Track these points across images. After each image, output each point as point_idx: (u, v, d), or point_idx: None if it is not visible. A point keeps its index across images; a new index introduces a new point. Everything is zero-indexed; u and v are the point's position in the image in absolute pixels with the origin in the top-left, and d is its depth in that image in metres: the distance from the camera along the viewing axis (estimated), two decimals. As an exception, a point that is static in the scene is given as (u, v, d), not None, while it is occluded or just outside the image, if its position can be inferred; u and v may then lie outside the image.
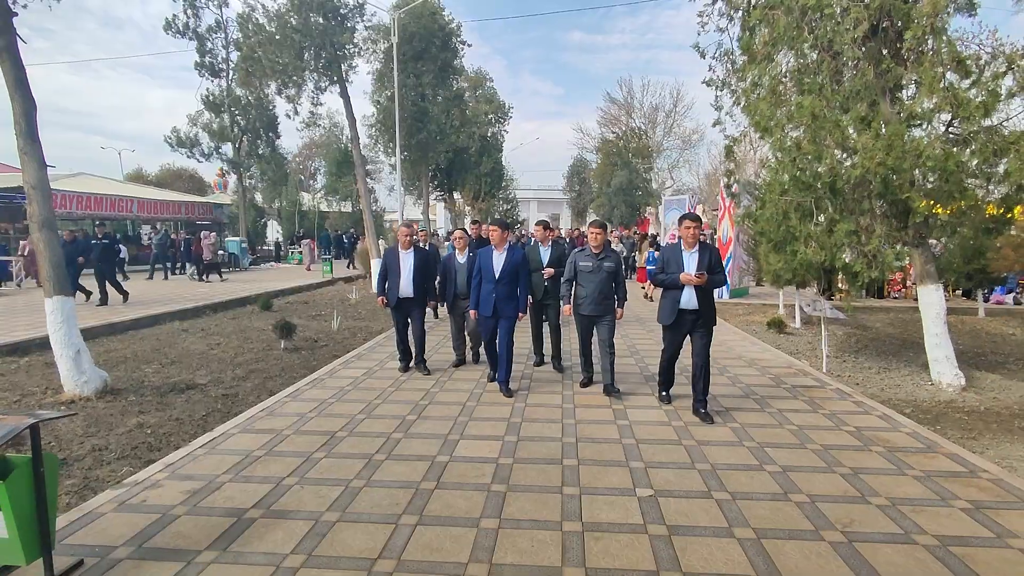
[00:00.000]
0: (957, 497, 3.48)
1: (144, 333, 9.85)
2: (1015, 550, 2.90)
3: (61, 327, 6.08)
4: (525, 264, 5.94)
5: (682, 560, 2.81)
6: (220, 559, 2.83)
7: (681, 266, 4.97)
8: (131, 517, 3.25)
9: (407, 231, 6.85)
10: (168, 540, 3.01)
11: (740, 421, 5.01)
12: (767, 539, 3.00)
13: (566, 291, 5.88)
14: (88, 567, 2.76)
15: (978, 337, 9.78)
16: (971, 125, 6.22)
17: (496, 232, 5.89)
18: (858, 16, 6.45)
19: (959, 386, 6.38)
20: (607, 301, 5.69)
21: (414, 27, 20.54)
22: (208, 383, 6.62)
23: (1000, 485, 3.66)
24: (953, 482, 3.69)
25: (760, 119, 7.13)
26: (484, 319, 5.89)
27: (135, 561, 2.81)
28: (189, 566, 2.76)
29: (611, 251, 5.81)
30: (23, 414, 2.63)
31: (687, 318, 5.05)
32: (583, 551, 2.88)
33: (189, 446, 4.39)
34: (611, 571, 2.72)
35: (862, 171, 6.26)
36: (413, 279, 6.55)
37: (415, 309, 6.69)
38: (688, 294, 4.98)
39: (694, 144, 38.09)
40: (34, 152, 5.97)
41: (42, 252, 6.07)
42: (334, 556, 2.85)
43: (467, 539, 3.00)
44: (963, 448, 4.36)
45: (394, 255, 6.67)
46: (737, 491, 3.57)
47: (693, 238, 5.04)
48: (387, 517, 3.25)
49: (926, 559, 2.82)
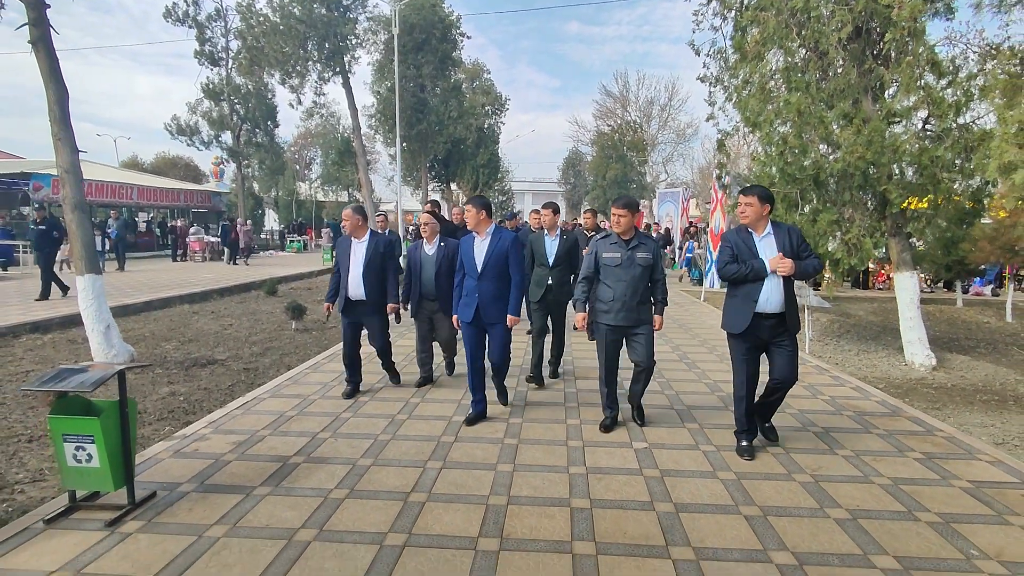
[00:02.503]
0: (912, 450, 3.97)
1: (156, 314, 10.22)
2: (956, 488, 3.39)
3: (92, 303, 6.46)
4: (516, 252, 4.45)
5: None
6: (274, 492, 3.26)
7: (754, 253, 3.73)
8: (188, 462, 3.68)
9: (354, 217, 5.14)
10: (225, 479, 3.45)
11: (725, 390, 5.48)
12: (746, 479, 3.47)
13: (582, 294, 4.32)
14: (160, 498, 3.19)
15: (954, 324, 10.33)
16: (945, 123, 6.70)
17: (471, 212, 4.45)
18: (842, 18, 6.87)
19: (930, 366, 6.88)
20: (642, 306, 4.18)
21: (414, 19, 20.82)
22: (227, 359, 7.03)
23: (952, 442, 4.15)
24: (911, 439, 4.19)
25: (750, 115, 7.58)
26: (466, 326, 4.53)
27: (200, 494, 3.25)
28: (248, 498, 3.19)
29: (645, 237, 4.29)
30: (108, 364, 3.04)
31: (764, 324, 3.72)
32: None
33: (225, 408, 4.82)
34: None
35: (844, 164, 6.73)
36: (364, 276, 4.99)
37: (371, 316, 5.13)
38: (768, 292, 3.67)
39: (688, 138, 38.68)
40: (67, 137, 6.33)
41: (74, 233, 6.44)
42: (373, 490, 3.30)
43: (487, 479, 3.46)
44: (924, 414, 4.86)
45: (345, 246, 5.14)
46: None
47: (755, 217, 3.74)
48: (415, 462, 3.70)
49: (880, 494, 3.30)
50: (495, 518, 2.99)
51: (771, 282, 3.69)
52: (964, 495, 3.30)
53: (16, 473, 3.77)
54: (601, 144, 37.05)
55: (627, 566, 2.58)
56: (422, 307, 5.44)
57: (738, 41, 8.11)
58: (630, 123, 37.68)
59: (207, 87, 25.36)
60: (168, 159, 43.82)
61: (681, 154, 38.73)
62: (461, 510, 3.08)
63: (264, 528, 2.88)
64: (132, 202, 24.88)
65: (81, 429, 2.86)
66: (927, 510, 3.12)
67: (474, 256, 4.47)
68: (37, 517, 2.96)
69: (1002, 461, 3.80)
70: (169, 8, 24.58)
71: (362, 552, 2.67)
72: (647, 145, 37.19)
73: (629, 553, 2.70)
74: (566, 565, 2.59)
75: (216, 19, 25.62)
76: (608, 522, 2.98)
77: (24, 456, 4.05)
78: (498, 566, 2.58)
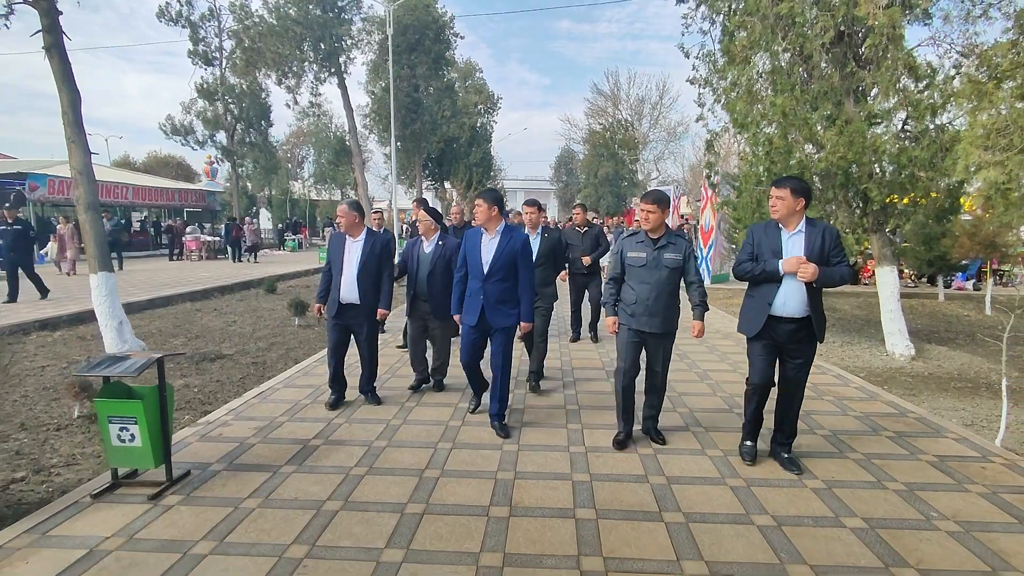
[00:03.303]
0: (886, 429, 4.30)
1: (160, 312, 10.42)
2: (922, 462, 3.72)
3: (106, 300, 6.68)
4: (527, 253, 4.21)
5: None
6: (299, 470, 3.54)
7: (779, 252, 3.48)
8: (215, 445, 3.95)
9: (350, 214, 4.75)
10: (251, 459, 3.72)
11: (726, 391, 5.79)
12: (732, 456, 3.78)
13: (610, 296, 4.03)
14: (194, 476, 3.46)
15: (935, 318, 10.72)
16: (922, 124, 7.05)
17: (482, 207, 4.15)
18: (825, 24, 7.19)
19: (909, 356, 7.23)
20: (668, 311, 3.89)
21: (408, 19, 21.03)
22: (235, 353, 7.26)
23: (923, 422, 4.49)
24: (885, 419, 4.52)
25: (737, 116, 7.91)
26: (468, 330, 4.30)
27: (231, 472, 3.52)
28: (275, 475, 3.47)
29: (676, 236, 3.95)
30: (149, 352, 3.30)
31: (782, 329, 3.49)
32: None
33: (242, 397, 5.08)
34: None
35: (827, 164, 7.07)
36: (359, 278, 4.63)
37: (361, 322, 4.75)
38: (786, 293, 3.42)
39: (679, 136, 38.88)
40: (80, 140, 6.55)
41: (87, 232, 6.66)
42: (389, 467, 3.59)
43: (494, 458, 3.75)
44: (900, 398, 5.20)
45: (339, 244, 4.77)
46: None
47: (786, 212, 3.45)
48: (427, 443, 3.99)
49: (853, 467, 3.63)
50: (504, 490, 3.29)
51: (790, 284, 3.40)
52: (929, 467, 3.63)
53: (50, 458, 4.01)
54: (593, 142, 37.36)
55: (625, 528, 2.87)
56: (416, 307, 5.15)
57: (726, 45, 8.43)
58: (621, 121, 38.01)
59: (201, 87, 25.43)
60: (160, 158, 43.77)
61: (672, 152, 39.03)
62: (473, 484, 3.37)
63: (294, 500, 3.16)
64: (127, 202, 24.94)
65: (125, 411, 3.12)
66: (895, 480, 3.44)
67: (481, 255, 4.14)
68: (84, 493, 3.22)
69: (967, 439, 4.14)
70: (162, 8, 24.63)
71: (386, 519, 2.95)
72: (638, 143, 37.54)
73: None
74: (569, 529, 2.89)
75: (209, 19, 25.71)
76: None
77: (55, 443, 4.29)
78: (508, 529, 2.87)
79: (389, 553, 2.66)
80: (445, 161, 29.91)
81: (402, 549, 2.69)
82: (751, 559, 2.65)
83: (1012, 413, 4.82)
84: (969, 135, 4.36)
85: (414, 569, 2.54)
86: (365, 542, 2.75)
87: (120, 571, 2.52)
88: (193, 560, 2.60)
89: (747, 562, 2.64)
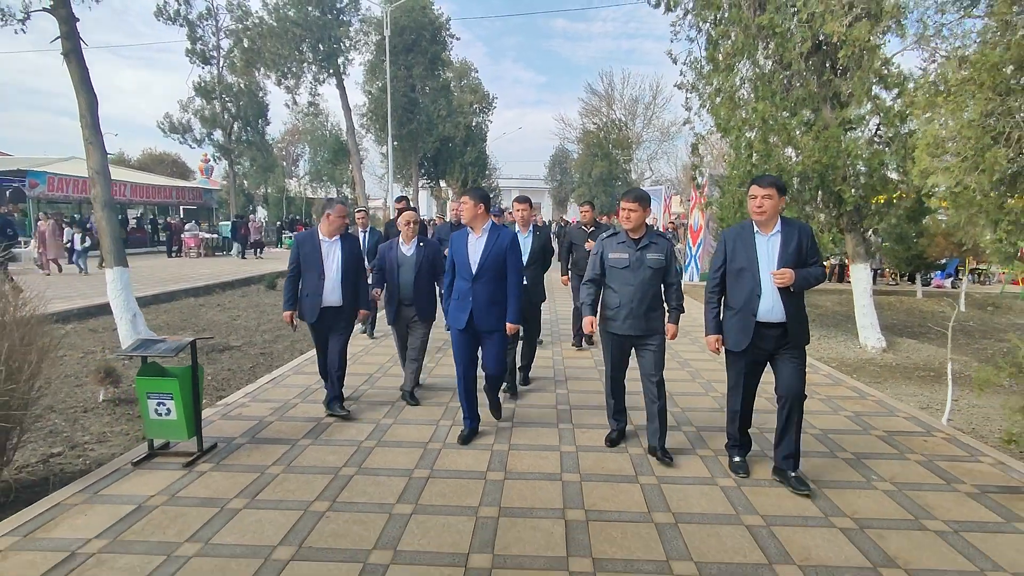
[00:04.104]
0: (845, 409, 4.75)
1: (165, 307, 10.77)
2: (872, 436, 4.17)
3: (120, 294, 7.04)
4: (515, 252, 4.06)
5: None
6: (315, 443, 3.95)
7: (754, 256, 3.35)
8: (235, 423, 4.35)
9: (342, 213, 4.57)
10: (271, 434, 4.12)
11: (703, 377, 6.22)
12: (705, 432, 4.21)
13: (588, 297, 3.94)
14: (221, 448, 3.85)
15: (912, 313, 11.22)
16: (891, 129, 7.52)
17: (468, 204, 4.01)
18: (803, 35, 7.63)
19: (880, 348, 7.70)
20: (653, 313, 3.77)
21: (405, 21, 21.39)
22: (242, 345, 7.64)
23: (881, 404, 4.94)
24: (846, 401, 4.97)
25: (721, 121, 8.35)
26: (457, 334, 4.08)
27: (254, 444, 3.92)
28: (294, 447, 3.87)
29: (657, 236, 3.89)
30: (179, 337, 3.69)
31: (768, 335, 3.35)
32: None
33: (256, 383, 5.47)
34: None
35: (803, 167, 7.52)
36: (343, 280, 4.50)
37: (341, 325, 4.59)
38: (769, 299, 3.29)
39: (672, 136, 39.39)
40: (97, 142, 6.90)
41: (103, 228, 7.02)
42: (397, 440, 4.01)
43: (491, 431, 4.17)
44: (863, 384, 5.65)
45: (312, 243, 4.50)
46: (701, 425, 4.74)
47: (772, 212, 3.31)
48: (430, 421, 4.40)
49: (811, 441, 4.06)
50: (499, 459, 3.70)
51: (771, 292, 3.28)
52: (878, 441, 4.08)
53: (82, 436, 4.39)
54: (587, 142, 37.79)
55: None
56: (400, 314, 4.91)
57: (711, 53, 8.87)
58: (615, 121, 38.47)
59: (199, 85, 25.70)
60: (155, 156, 43.84)
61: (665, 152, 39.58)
62: (471, 454, 3.79)
63: (313, 467, 3.57)
64: (125, 199, 25.19)
65: (162, 388, 3.52)
66: (845, 451, 3.89)
67: (468, 255, 4.00)
68: (125, 461, 3.62)
69: (916, 417, 4.59)
70: (160, 7, 24.86)
71: (396, 481, 3.37)
72: (632, 143, 38.02)
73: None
74: (556, 488, 3.31)
75: (207, 18, 25.96)
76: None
77: (85, 423, 4.67)
78: (503, 490, 3.29)
79: (399, 507, 3.07)
80: (440, 160, 30.30)
81: (411, 504, 3.10)
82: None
83: (966, 398, 5.30)
84: (922, 143, 4.79)
85: (421, 519, 2.96)
86: (378, 499, 3.16)
87: (168, 521, 2.92)
88: (230, 513, 3.00)
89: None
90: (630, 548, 2.75)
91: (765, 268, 3.30)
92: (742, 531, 2.91)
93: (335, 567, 2.55)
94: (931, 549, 2.74)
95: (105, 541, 2.74)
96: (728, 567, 2.62)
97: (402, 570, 2.53)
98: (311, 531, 2.83)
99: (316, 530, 2.84)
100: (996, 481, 3.44)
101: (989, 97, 4.17)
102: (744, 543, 2.80)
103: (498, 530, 2.86)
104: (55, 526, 2.88)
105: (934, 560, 2.65)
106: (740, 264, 3.38)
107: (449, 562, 2.60)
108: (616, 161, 35.74)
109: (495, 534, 2.83)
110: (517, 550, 2.70)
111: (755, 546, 2.78)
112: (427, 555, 2.65)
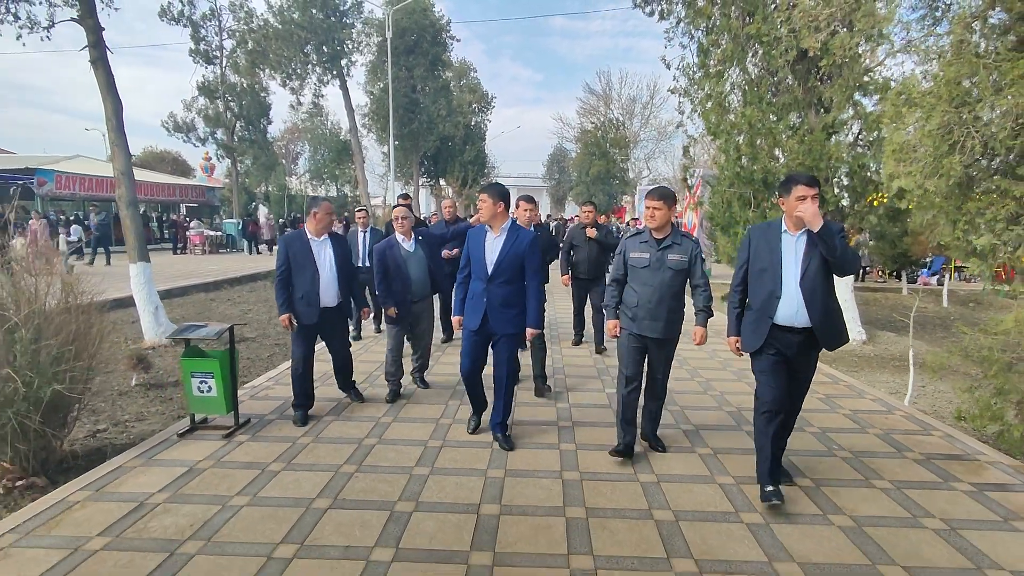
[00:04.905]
0: (817, 392, 5.21)
1: (178, 301, 11.18)
2: (839, 415, 4.63)
3: (143, 288, 7.47)
4: (535, 254, 3.89)
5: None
6: (338, 419, 4.41)
7: (777, 257, 3.16)
8: (264, 402, 4.80)
9: (329, 211, 4.51)
10: (297, 412, 4.56)
11: (702, 376, 6.67)
12: (695, 419, 4.67)
13: (611, 299, 3.86)
14: (253, 423, 4.30)
15: (895, 309, 11.70)
16: (870, 135, 7.98)
17: (487, 202, 3.85)
18: (788, 44, 8.07)
19: (861, 341, 8.16)
20: (672, 315, 3.68)
21: (406, 22, 21.79)
22: (256, 337, 8.07)
23: (850, 388, 5.41)
24: (820, 386, 5.43)
25: (711, 125, 8.81)
26: (469, 334, 3.99)
27: (283, 420, 4.37)
28: (320, 422, 4.33)
29: (682, 237, 3.74)
30: (219, 323, 4.13)
31: (789, 339, 3.17)
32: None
33: (277, 369, 5.93)
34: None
35: (788, 169, 7.97)
36: (338, 279, 4.50)
37: (336, 324, 4.64)
38: (789, 301, 3.11)
39: (669, 135, 39.84)
40: (122, 144, 7.33)
41: (128, 227, 7.44)
42: (412, 417, 4.48)
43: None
44: (838, 372, 6.11)
45: (301, 244, 4.40)
46: (685, 405, 5.20)
47: (814, 211, 2.97)
48: (440, 401, 4.85)
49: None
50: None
51: (791, 293, 3.08)
52: (843, 418, 4.54)
53: (122, 415, 4.83)
54: (585, 141, 38.24)
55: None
56: (407, 311, 4.91)
57: (702, 60, 9.32)
58: (613, 120, 38.91)
59: (203, 85, 26.05)
60: (156, 153, 44.12)
61: (663, 151, 39.92)
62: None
63: (339, 438, 4.02)
64: (130, 197, 25.49)
65: (205, 367, 3.96)
66: (812, 426, 4.35)
67: (484, 255, 3.87)
68: (170, 433, 4.06)
69: (882, 399, 5.05)
70: (164, 7, 25.20)
71: (413, 449, 3.82)
72: (629, 142, 38.46)
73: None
74: (554, 464, 3.75)
75: (210, 18, 26.30)
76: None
77: (122, 403, 5.11)
78: (508, 456, 3.74)
79: (418, 469, 3.53)
80: (440, 159, 30.71)
81: (428, 467, 3.56)
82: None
83: (933, 384, 5.76)
84: (888, 148, 5.23)
85: (437, 479, 3.41)
86: (398, 463, 3.61)
87: (217, 480, 3.36)
88: (271, 474, 3.45)
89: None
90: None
91: (789, 269, 3.10)
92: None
93: (368, 514, 3.00)
94: (876, 502, 3.20)
95: (168, 494, 3.18)
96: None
97: (423, 516, 2.99)
98: (343, 488, 3.28)
99: (347, 487, 3.29)
100: (942, 450, 3.90)
101: (946, 109, 4.61)
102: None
103: (502, 510, 3.31)
104: (121, 483, 3.32)
105: (875, 509, 3.12)
106: (762, 264, 3.21)
107: (464, 511, 3.05)
108: (614, 160, 36.21)
109: (500, 502, 3.28)
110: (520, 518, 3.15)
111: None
112: (444, 505, 3.11)
